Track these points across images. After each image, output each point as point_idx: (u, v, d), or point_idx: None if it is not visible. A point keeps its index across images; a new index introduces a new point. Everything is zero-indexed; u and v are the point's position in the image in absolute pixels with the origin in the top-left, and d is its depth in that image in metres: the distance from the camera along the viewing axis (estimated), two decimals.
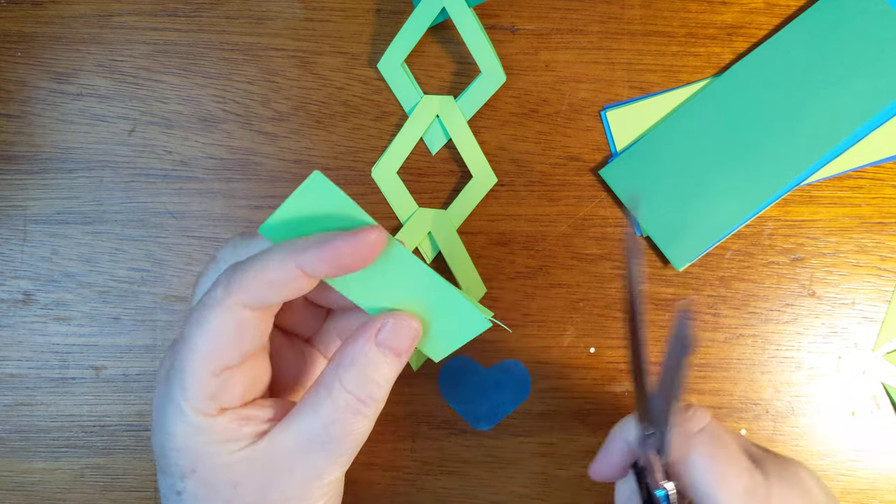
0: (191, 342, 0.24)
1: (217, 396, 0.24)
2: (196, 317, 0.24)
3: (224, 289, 0.24)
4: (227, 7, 0.42)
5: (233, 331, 0.24)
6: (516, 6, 0.42)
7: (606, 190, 0.42)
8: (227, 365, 0.24)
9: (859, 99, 0.40)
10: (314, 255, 0.23)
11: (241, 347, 0.24)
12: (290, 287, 0.24)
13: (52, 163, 0.42)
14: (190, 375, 0.24)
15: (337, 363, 0.25)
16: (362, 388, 0.25)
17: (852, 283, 0.42)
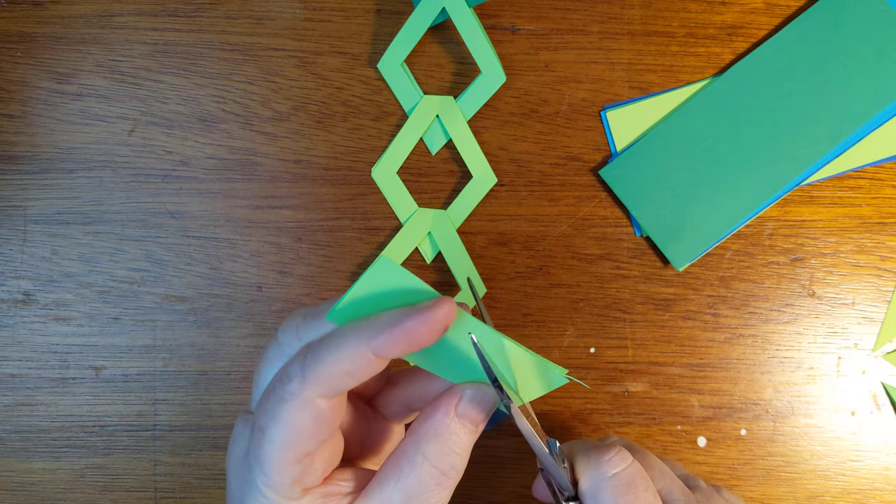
0: (269, 435, 0.24)
1: (299, 480, 0.24)
2: (273, 410, 0.24)
3: (300, 382, 0.23)
4: (227, 7, 0.42)
5: (311, 422, 0.24)
6: (516, 6, 0.42)
7: (606, 190, 0.42)
8: (307, 452, 0.24)
9: (859, 99, 0.40)
10: (387, 339, 0.23)
11: (319, 436, 0.24)
12: (366, 372, 0.24)
13: (52, 163, 0.42)
14: (269, 463, 0.24)
15: (417, 436, 0.25)
16: (444, 461, 0.25)
17: (852, 283, 0.42)
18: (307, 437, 0.24)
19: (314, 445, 0.24)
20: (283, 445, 0.23)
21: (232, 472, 0.26)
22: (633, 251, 0.42)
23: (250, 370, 0.42)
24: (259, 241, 0.42)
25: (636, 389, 0.42)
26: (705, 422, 0.42)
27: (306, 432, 0.24)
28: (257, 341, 0.42)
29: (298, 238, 0.42)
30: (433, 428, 0.25)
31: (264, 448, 0.24)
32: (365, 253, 0.42)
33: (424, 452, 0.24)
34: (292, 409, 0.23)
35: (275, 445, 0.24)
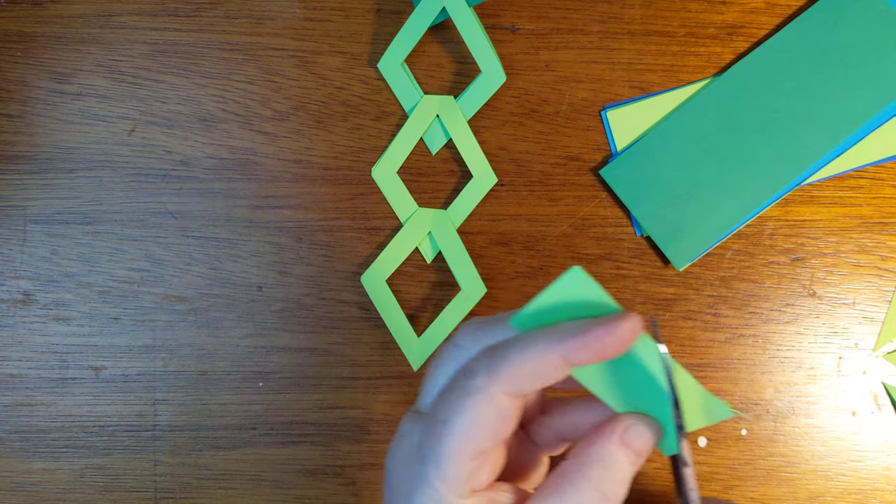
0: (451, 427, 0.24)
1: (470, 479, 0.25)
2: (457, 403, 0.24)
3: (486, 377, 0.24)
4: (227, 7, 0.42)
5: (493, 418, 0.24)
6: (516, 6, 0.42)
7: (606, 190, 0.42)
8: (484, 450, 0.24)
9: (859, 99, 0.40)
10: (576, 345, 0.24)
11: (498, 434, 0.25)
12: (550, 376, 0.24)
13: (52, 163, 0.42)
14: (447, 458, 0.24)
15: (580, 460, 0.25)
16: (607, 486, 0.25)
17: (853, 283, 0.42)
18: (488, 432, 0.24)
19: (492, 443, 0.24)
20: (464, 437, 0.24)
21: (397, 467, 0.26)
22: (634, 251, 0.42)
23: (250, 370, 0.42)
24: (259, 241, 0.42)
25: None
26: None
27: (488, 427, 0.24)
28: (257, 341, 0.42)
29: (298, 238, 0.42)
30: (597, 453, 0.25)
31: (444, 440, 0.24)
32: (365, 253, 0.42)
33: (588, 475, 0.25)
34: (477, 403, 0.24)
35: (455, 437, 0.24)
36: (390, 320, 0.41)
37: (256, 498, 0.42)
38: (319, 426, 0.42)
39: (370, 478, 0.42)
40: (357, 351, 0.42)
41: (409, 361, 0.41)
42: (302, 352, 0.42)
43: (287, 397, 0.42)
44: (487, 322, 0.27)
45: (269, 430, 0.42)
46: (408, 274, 0.42)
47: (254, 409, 0.42)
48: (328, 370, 0.42)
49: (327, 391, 0.42)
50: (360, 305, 0.42)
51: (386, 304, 0.41)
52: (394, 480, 0.26)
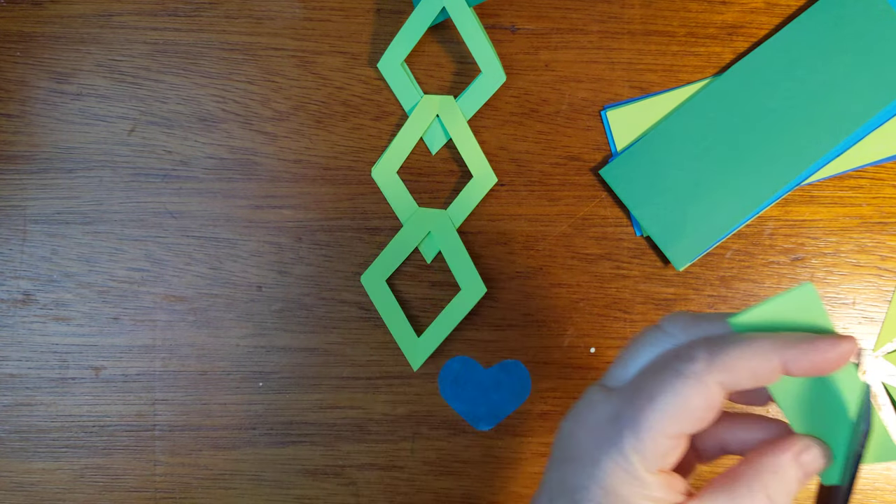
0: (657, 403, 0.25)
1: (663, 456, 0.25)
2: (668, 382, 0.25)
3: (706, 365, 0.25)
4: (227, 7, 0.42)
5: (701, 404, 0.25)
6: (516, 6, 0.42)
7: (606, 190, 0.42)
8: (682, 433, 0.25)
9: (859, 99, 0.40)
10: (799, 353, 0.25)
11: (700, 421, 0.25)
12: (763, 377, 0.25)
13: (51, 163, 0.42)
14: (647, 431, 0.25)
15: (757, 467, 0.26)
16: (777, 495, 0.26)
17: (853, 282, 0.42)
18: (693, 417, 0.25)
19: (691, 429, 0.25)
20: (668, 415, 0.25)
21: (580, 431, 0.27)
22: (634, 251, 0.42)
23: (250, 370, 0.42)
24: (259, 241, 0.42)
25: None
26: None
27: (694, 412, 0.25)
28: (257, 341, 0.42)
29: (298, 238, 0.42)
30: (772, 464, 0.26)
31: (647, 414, 0.25)
32: (365, 253, 0.42)
33: (761, 481, 0.26)
34: (689, 387, 0.25)
35: (659, 414, 0.25)
36: (390, 320, 0.41)
37: (256, 498, 0.42)
38: (319, 426, 0.42)
39: (370, 478, 0.42)
40: (357, 351, 0.42)
41: (409, 361, 0.41)
42: (302, 352, 0.42)
43: (287, 397, 0.42)
44: (700, 317, 0.28)
45: (269, 430, 0.42)
46: (408, 274, 0.42)
47: (254, 409, 0.42)
48: (328, 370, 0.42)
49: (327, 391, 0.42)
50: (360, 305, 0.42)
51: (386, 304, 0.41)
52: (575, 444, 0.27)
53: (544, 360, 0.42)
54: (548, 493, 0.28)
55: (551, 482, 0.28)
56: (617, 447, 0.25)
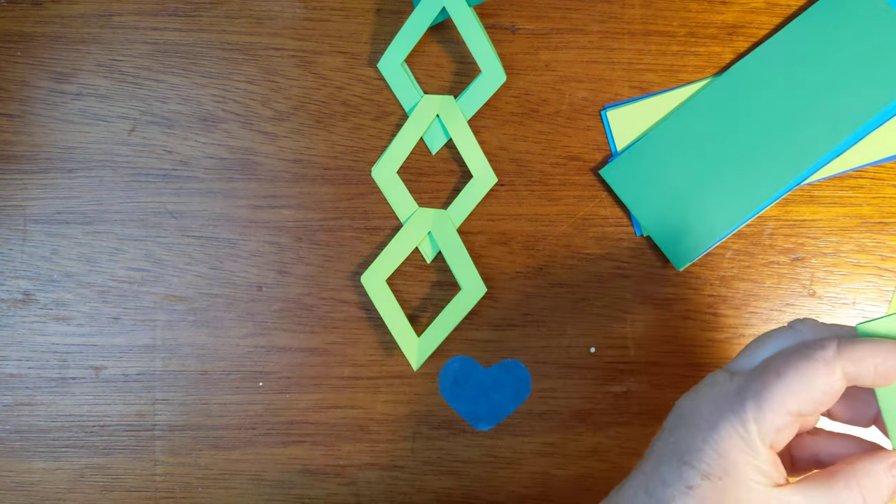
0: (785, 379, 0.27)
1: (780, 432, 0.27)
2: (797, 364, 0.27)
3: (835, 353, 0.27)
4: (227, 7, 0.42)
5: (823, 389, 0.27)
6: (516, 6, 0.42)
7: (606, 190, 0.42)
8: (801, 413, 0.27)
9: (859, 99, 0.40)
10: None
11: (818, 405, 0.27)
12: (885, 377, 0.27)
13: (52, 162, 0.42)
14: (770, 402, 0.27)
15: (856, 468, 0.28)
16: (870, 496, 0.28)
17: (853, 282, 0.42)
18: (814, 399, 0.27)
19: (810, 411, 0.27)
20: (792, 392, 0.26)
21: (700, 402, 0.28)
22: (634, 251, 0.42)
23: (250, 370, 0.42)
24: (259, 241, 0.42)
25: (636, 389, 0.42)
26: None
27: (816, 394, 0.27)
28: (257, 341, 0.42)
29: (298, 238, 0.42)
30: (868, 468, 0.28)
31: (774, 388, 0.27)
32: (365, 253, 0.42)
33: (860, 482, 0.28)
34: (816, 369, 0.26)
35: (786, 389, 0.26)
36: (390, 320, 0.41)
37: (256, 498, 0.42)
38: (319, 426, 0.42)
39: (370, 478, 0.42)
40: (357, 351, 0.42)
41: (409, 361, 0.41)
42: (302, 352, 0.42)
43: (287, 397, 0.42)
44: (828, 323, 0.30)
45: (269, 430, 0.42)
46: (408, 274, 0.42)
47: (254, 409, 0.42)
48: (328, 370, 0.42)
49: (327, 391, 0.42)
50: (360, 305, 0.42)
51: (386, 304, 0.41)
52: (693, 413, 0.28)
53: (544, 360, 0.42)
54: (655, 457, 0.29)
55: (660, 448, 0.29)
56: (738, 414, 0.27)
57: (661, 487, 0.28)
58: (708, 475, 0.27)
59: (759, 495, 0.27)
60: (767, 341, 0.30)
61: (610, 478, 0.41)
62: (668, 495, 0.27)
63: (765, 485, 0.27)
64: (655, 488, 0.28)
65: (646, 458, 0.29)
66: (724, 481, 0.27)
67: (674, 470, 0.27)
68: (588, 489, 0.41)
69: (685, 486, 0.27)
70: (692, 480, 0.27)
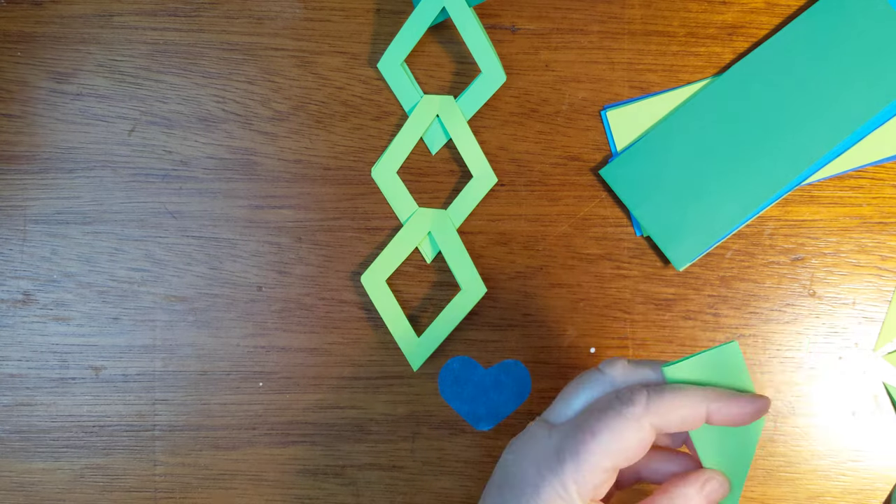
0: (600, 439, 0.28)
1: (597, 488, 0.29)
2: (611, 421, 0.28)
3: (644, 409, 0.28)
4: (227, 7, 0.42)
5: (636, 443, 0.29)
6: (516, 6, 0.42)
7: (606, 190, 0.42)
8: (617, 467, 0.29)
9: (859, 99, 0.40)
10: (723, 406, 0.29)
11: (632, 457, 0.29)
12: (691, 424, 0.29)
13: (52, 163, 0.42)
14: (587, 463, 0.28)
15: (670, 495, 0.30)
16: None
17: (853, 282, 0.42)
18: (628, 454, 0.29)
19: (625, 463, 0.29)
20: (607, 451, 0.28)
21: (523, 462, 0.30)
22: (634, 251, 0.42)
23: (250, 370, 0.42)
24: (259, 241, 0.42)
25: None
26: None
27: (629, 450, 0.28)
28: (257, 341, 0.42)
29: (298, 238, 0.42)
30: (682, 494, 0.29)
31: (590, 448, 0.28)
32: (365, 253, 0.42)
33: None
34: (628, 427, 0.28)
35: (600, 448, 0.28)
36: (390, 320, 0.41)
37: (256, 498, 0.42)
38: (319, 426, 0.42)
39: (370, 478, 0.42)
40: (357, 351, 0.42)
41: (409, 361, 0.41)
42: (302, 352, 0.42)
43: (287, 397, 0.42)
44: (636, 363, 0.31)
45: (269, 430, 0.42)
46: (408, 274, 0.42)
47: (254, 409, 0.42)
48: (328, 370, 0.42)
49: (327, 391, 0.42)
50: (360, 305, 0.42)
51: (386, 304, 0.41)
52: (516, 472, 0.30)
53: (544, 360, 0.42)
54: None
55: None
56: (558, 477, 0.28)
57: None
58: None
59: None
60: (580, 388, 0.31)
61: None
62: None
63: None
64: None
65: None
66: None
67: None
68: None
69: None
70: None
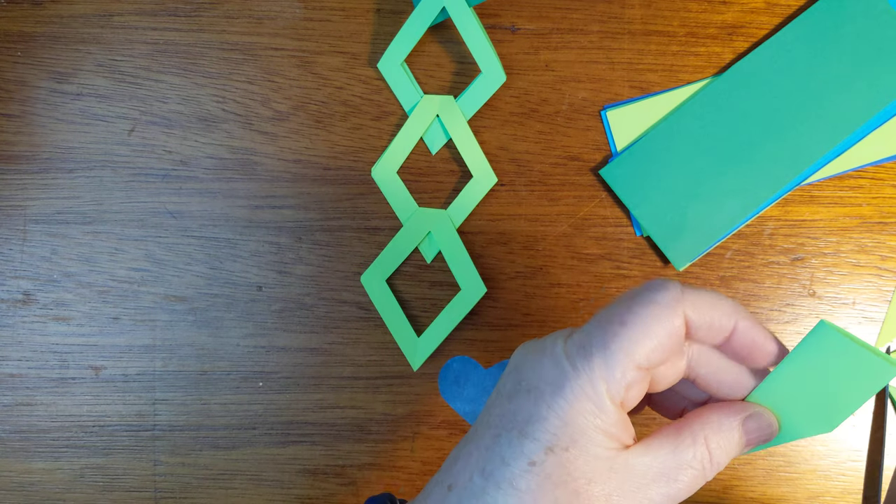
0: (633, 328, 0.25)
1: (628, 387, 0.25)
2: (642, 309, 0.25)
3: (678, 296, 0.25)
4: (227, 7, 0.42)
5: (670, 333, 0.25)
6: (516, 6, 0.42)
7: (606, 190, 0.42)
8: (650, 364, 0.25)
9: (859, 99, 0.40)
10: (751, 328, 0.26)
11: (666, 353, 0.25)
12: (716, 333, 0.26)
13: (52, 163, 0.42)
14: (618, 355, 0.24)
15: (704, 421, 0.26)
16: (717, 451, 0.26)
17: (853, 282, 0.42)
18: (662, 347, 0.25)
19: (658, 359, 0.25)
20: (639, 342, 0.24)
21: (547, 360, 0.26)
22: (634, 251, 0.42)
23: (250, 370, 0.42)
24: (259, 241, 0.42)
25: None
26: None
27: (663, 343, 0.25)
28: (257, 341, 0.42)
29: (298, 238, 0.42)
30: (719, 422, 0.26)
31: (621, 339, 0.24)
32: (365, 253, 0.42)
33: (707, 436, 0.26)
34: (661, 315, 0.25)
35: (633, 339, 0.24)
36: (390, 320, 0.41)
37: (256, 498, 0.42)
38: (319, 426, 0.42)
39: (370, 478, 0.42)
40: (357, 351, 0.42)
41: (409, 361, 0.41)
42: (302, 352, 0.42)
43: (287, 397, 0.42)
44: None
45: (269, 430, 0.42)
46: (408, 274, 0.42)
47: (254, 409, 0.42)
48: (328, 370, 0.42)
49: (327, 391, 0.42)
50: (360, 305, 0.42)
51: (386, 304, 0.41)
52: (533, 374, 0.26)
53: None
54: (492, 430, 0.26)
55: (497, 418, 0.26)
56: (585, 372, 0.25)
57: (501, 467, 0.25)
58: (553, 448, 0.24)
59: (605, 462, 0.25)
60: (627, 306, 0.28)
61: None
62: (509, 475, 0.24)
63: (613, 449, 0.25)
64: (494, 469, 0.25)
65: (482, 429, 0.26)
66: (570, 452, 0.24)
67: (514, 445, 0.25)
68: None
69: (528, 463, 0.24)
70: (535, 456, 0.24)
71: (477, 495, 0.25)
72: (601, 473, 0.25)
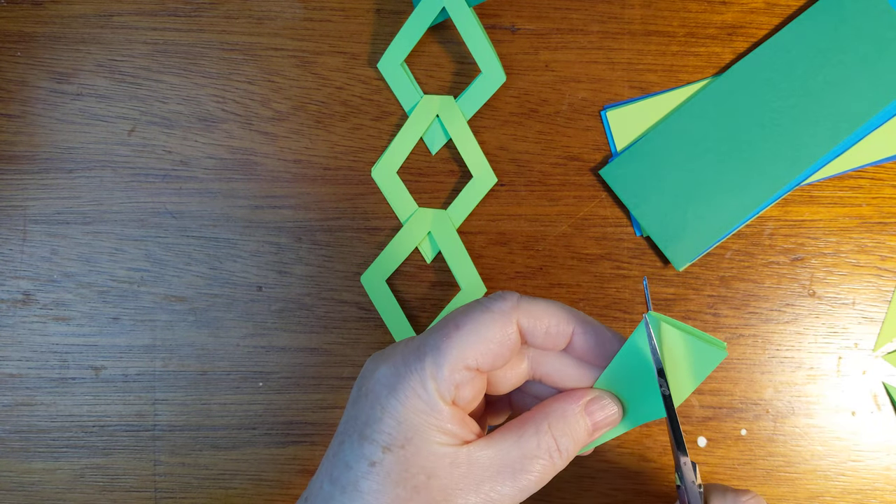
0: (463, 331, 0.26)
1: (459, 387, 0.26)
2: (476, 315, 0.27)
3: (513, 305, 0.27)
4: (227, 7, 0.42)
5: (502, 340, 0.27)
6: (516, 6, 0.42)
7: (606, 190, 0.42)
8: (480, 366, 0.26)
9: (859, 99, 0.40)
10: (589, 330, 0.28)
11: (495, 358, 0.27)
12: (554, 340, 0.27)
13: (52, 163, 0.42)
14: (447, 355, 0.26)
15: (547, 411, 0.27)
16: (562, 439, 0.27)
17: (852, 283, 0.42)
18: (491, 351, 0.26)
19: (487, 363, 0.26)
20: (470, 345, 0.26)
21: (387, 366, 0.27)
22: (634, 251, 0.42)
23: (250, 370, 0.42)
24: (259, 241, 0.42)
25: None
26: (705, 422, 0.42)
27: (493, 347, 0.26)
28: (257, 341, 0.42)
29: (298, 238, 0.42)
30: (562, 410, 0.27)
31: (453, 341, 0.26)
32: (365, 253, 0.42)
33: (550, 424, 0.27)
34: (494, 321, 0.26)
35: (463, 341, 0.26)
36: (390, 320, 0.41)
37: (256, 498, 0.42)
38: (319, 426, 0.42)
39: None
40: (357, 351, 0.42)
41: None
42: (302, 352, 0.42)
43: (287, 397, 0.42)
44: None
45: (269, 430, 0.42)
46: (408, 274, 0.42)
47: (254, 409, 0.42)
48: (328, 370, 0.42)
49: (327, 391, 0.42)
50: (360, 305, 0.42)
51: (386, 304, 0.41)
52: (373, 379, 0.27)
53: None
54: (338, 438, 0.27)
55: (342, 426, 0.27)
56: (417, 373, 0.26)
57: (345, 472, 0.25)
58: (390, 447, 0.25)
59: (445, 458, 0.25)
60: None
61: (609, 479, 0.41)
62: (353, 478, 0.25)
63: (451, 444, 0.26)
64: (339, 474, 0.26)
65: (334, 438, 0.27)
66: (406, 450, 0.25)
67: (355, 449, 0.26)
68: (587, 490, 0.41)
69: (368, 465, 0.25)
70: (375, 456, 0.25)
71: (327, 502, 0.25)
72: (441, 468, 0.25)
